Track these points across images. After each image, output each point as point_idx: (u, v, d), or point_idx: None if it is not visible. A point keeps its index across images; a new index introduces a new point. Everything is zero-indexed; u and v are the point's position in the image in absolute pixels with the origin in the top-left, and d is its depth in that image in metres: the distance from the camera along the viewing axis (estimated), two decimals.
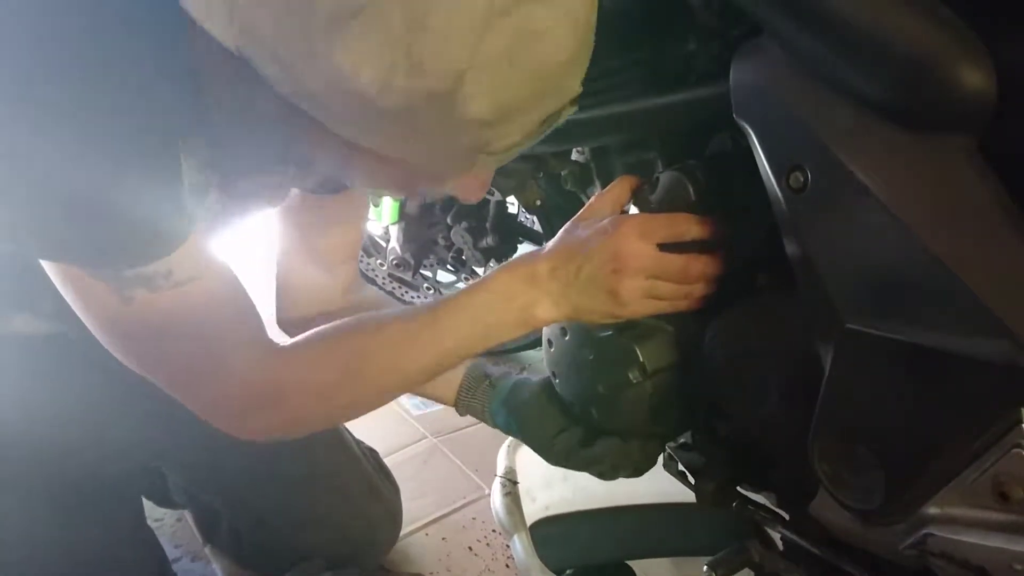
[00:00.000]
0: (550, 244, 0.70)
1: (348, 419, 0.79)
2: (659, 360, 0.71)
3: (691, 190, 0.66)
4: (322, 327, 0.71)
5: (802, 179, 0.53)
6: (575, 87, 0.55)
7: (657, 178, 0.69)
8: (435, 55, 0.45)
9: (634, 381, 0.72)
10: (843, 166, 0.50)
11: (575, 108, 0.57)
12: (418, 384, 0.77)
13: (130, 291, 0.58)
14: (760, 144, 0.56)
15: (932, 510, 0.52)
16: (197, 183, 0.63)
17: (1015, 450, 0.47)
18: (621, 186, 0.71)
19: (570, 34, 0.50)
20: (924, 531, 0.52)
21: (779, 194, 0.54)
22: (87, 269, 0.57)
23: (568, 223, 0.71)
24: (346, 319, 0.71)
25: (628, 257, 0.64)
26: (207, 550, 1.11)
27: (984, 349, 0.45)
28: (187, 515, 1.15)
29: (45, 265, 0.59)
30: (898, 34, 0.47)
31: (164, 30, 0.53)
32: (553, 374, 0.83)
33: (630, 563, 1.15)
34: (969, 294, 0.45)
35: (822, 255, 0.53)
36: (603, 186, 0.81)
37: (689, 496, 0.83)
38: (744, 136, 0.57)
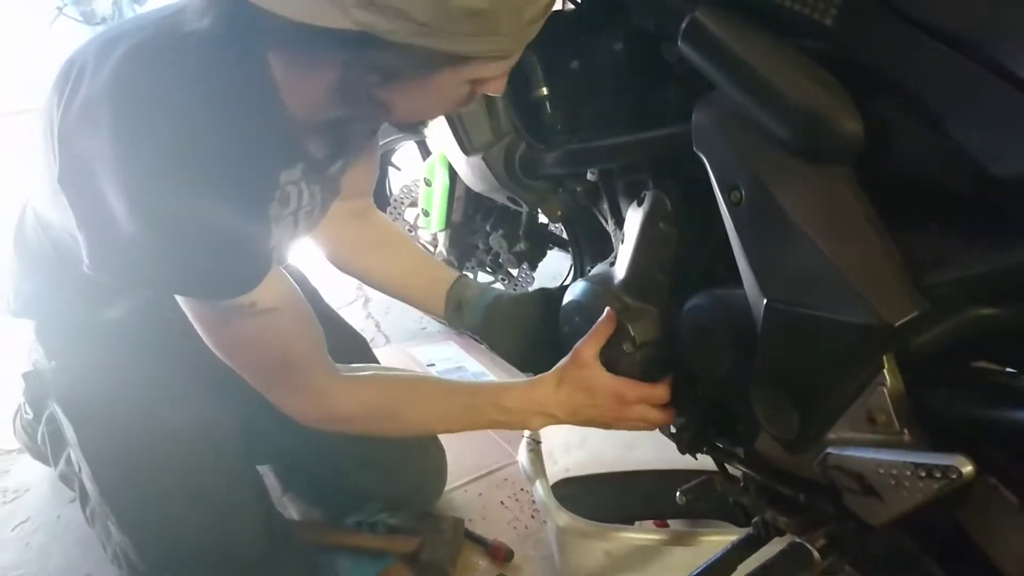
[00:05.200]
0: (562, 387, 0.92)
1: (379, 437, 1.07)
2: (646, 335, 0.91)
3: (668, 204, 0.86)
4: (379, 373, 0.97)
5: (739, 196, 0.73)
6: None
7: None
8: None
9: (627, 352, 0.91)
10: (764, 186, 0.70)
11: None
12: (436, 434, 1.24)
13: (225, 316, 0.80)
14: (712, 169, 0.76)
15: (830, 436, 0.71)
16: (292, 193, 0.85)
17: (879, 388, 0.66)
18: (600, 330, 0.91)
19: None
20: (825, 452, 0.71)
21: (724, 207, 0.74)
22: (196, 299, 0.80)
23: (568, 365, 0.92)
24: (401, 372, 0.98)
25: (631, 414, 0.92)
26: (285, 499, 1.33)
27: (854, 316, 0.65)
28: (268, 469, 1.37)
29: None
30: (800, 96, 0.67)
31: (257, 89, 0.74)
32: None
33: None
34: (843, 277, 0.65)
35: (752, 250, 0.73)
36: (608, 201, 1.01)
37: (692, 463, 1.02)
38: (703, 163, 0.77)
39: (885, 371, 0.66)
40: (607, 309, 0.91)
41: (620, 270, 0.94)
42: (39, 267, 1.03)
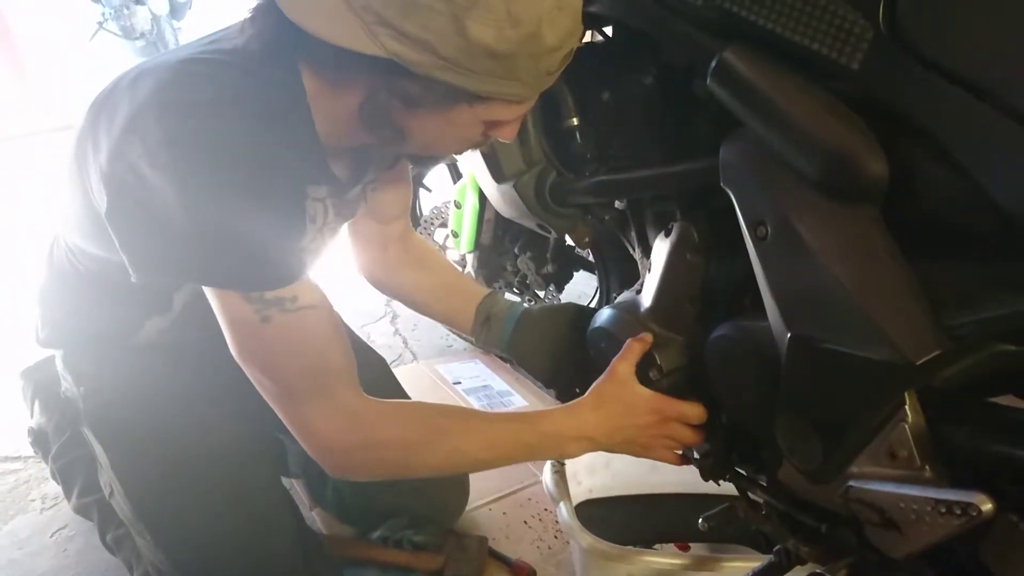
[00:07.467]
0: (601, 406, 0.91)
1: (405, 478, 1.00)
2: (672, 363, 0.92)
3: (695, 235, 0.88)
4: (414, 403, 0.95)
5: (765, 231, 0.74)
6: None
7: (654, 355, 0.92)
8: (525, 11, 0.68)
9: (654, 379, 0.93)
10: (790, 223, 0.72)
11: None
12: (472, 469, 1.17)
13: (267, 311, 0.78)
14: (738, 204, 0.78)
15: (852, 469, 0.73)
16: (319, 211, 0.89)
17: (900, 424, 0.68)
18: (634, 347, 0.92)
19: None
20: (847, 484, 0.73)
21: (750, 241, 0.76)
22: (240, 290, 0.78)
23: (605, 384, 0.92)
24: (434, 403, 0.94)
25: (668, 432, 0.92)
26: (313, 513, 1.36)
27: (876, 353, 0.66)
28: (296, 484, 1.40)
29: (207, 291, 0.81)
30: (827, 136, 0.68)
31: (292, 104, 0.79)
32: None
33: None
34: (866, 314, 0.66)
35: (776, 285, 0.74)
36: (636, 230, 1.03)
37: (715, 487, 1.02)
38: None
39: (907, 407, 0.67)
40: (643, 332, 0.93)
41: (647, 298, 0.96)
42: (71, 294, 1.06)
